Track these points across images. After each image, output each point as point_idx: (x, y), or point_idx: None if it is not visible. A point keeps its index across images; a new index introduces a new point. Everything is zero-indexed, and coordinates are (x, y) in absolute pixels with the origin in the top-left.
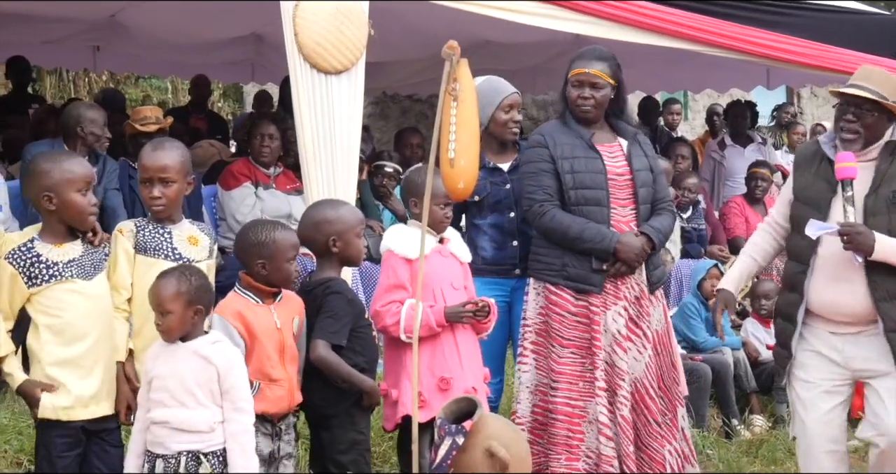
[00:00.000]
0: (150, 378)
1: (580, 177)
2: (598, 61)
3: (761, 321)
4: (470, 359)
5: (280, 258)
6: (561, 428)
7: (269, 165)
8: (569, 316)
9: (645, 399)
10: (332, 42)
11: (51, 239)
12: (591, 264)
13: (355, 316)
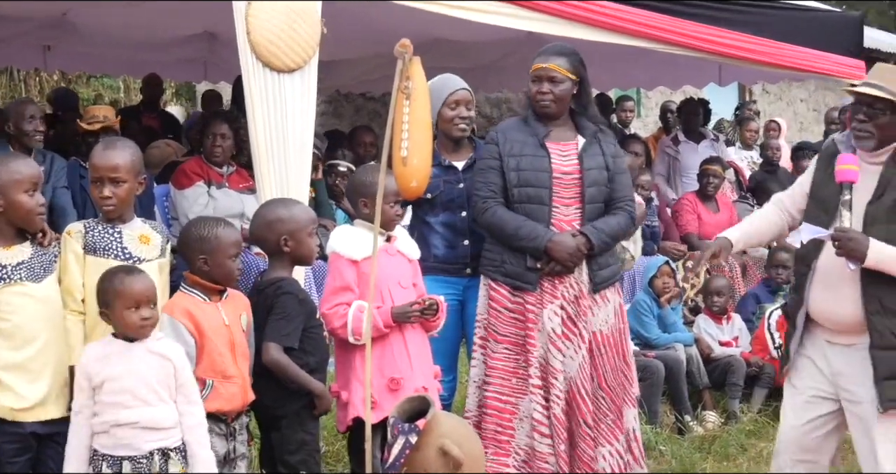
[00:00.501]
0: (101, 381)
1: (524, 174)
2: (558, 56)
3: (713, 317)
4: (419, 359)
5: (221, 254)
6: (490, 423)
7: (221, 164)
8: (505, 312)
9: (577, 399)
10: (284, 40)
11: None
12: (526, 262)
13: (307, 316)
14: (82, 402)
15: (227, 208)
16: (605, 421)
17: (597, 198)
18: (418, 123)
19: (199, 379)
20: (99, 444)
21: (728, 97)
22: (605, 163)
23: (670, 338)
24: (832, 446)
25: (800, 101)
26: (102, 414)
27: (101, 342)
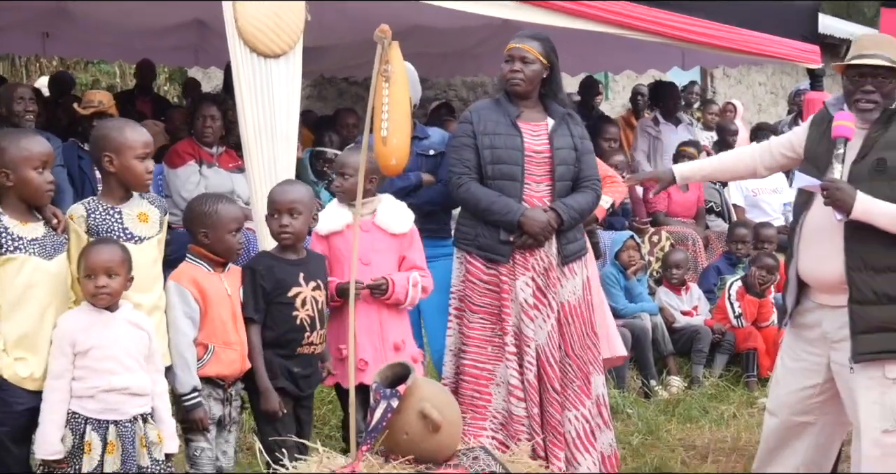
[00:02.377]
0: (87, 348)
1: (498, 152)
2: (532, 40)
3: (672, 289)
4: (367, 332)
5: (221, 229)
6: (468, 389)
7: (211, 145)
8: (480, 283)
9: (545, 365)
10: (270, 27)
11: (14, 215)
12: (499, 235)
13: (270, 290)
14: (64, 367)
15: (217, 186)
16: (572, 386)
17: (566, 176)
18: (397, 105)
19: (201, 344)
20: (81, 408)
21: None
22: (574, 144)
23: (636, 308)
24: (828, 409)
25: (758, 84)
26: (88, 380)
27: (80, 310)
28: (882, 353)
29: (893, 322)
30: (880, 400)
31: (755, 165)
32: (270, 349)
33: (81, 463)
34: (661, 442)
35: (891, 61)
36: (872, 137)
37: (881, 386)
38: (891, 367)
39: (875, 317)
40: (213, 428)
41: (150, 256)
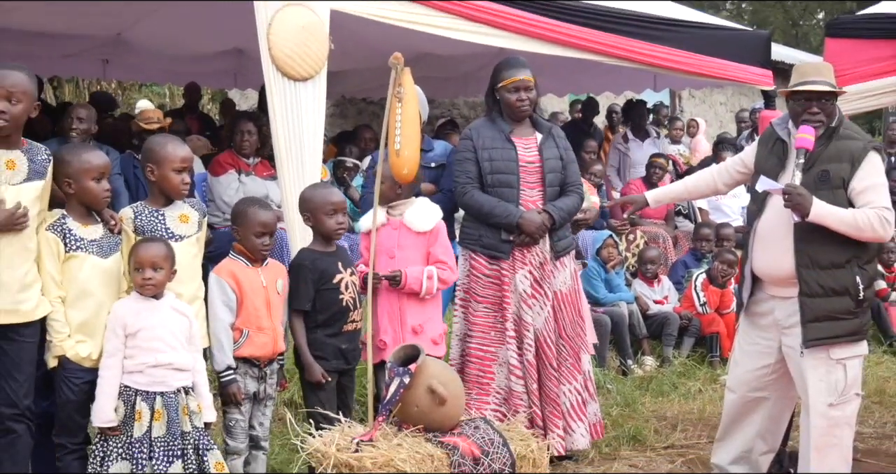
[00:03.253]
0: (136, 330)
1: (496, 164)
2: (526, 69)
3: (646, 281)
4: (389, 317)
5: (248, 230)
6: (474, 369)
7: (249, 156)
8: (483, 277)
9: (543, 346)
10: (299, 54)
11: (77, 218)
12: (500, 235)
13: (316, 279)
14: (116, 346)
15: (253, 191)
16: (566, 364)
17: (554, 182)
18: (408, 122)
19: (237, 329)
20: (132, 381)
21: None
22: (560, 155)
23: (615, 297)
24: (779, 386)
25: (720, 104)
26: (137, 358)
27: (130, 298)
28: (828, 339)
29: (837, 311)
30: (826, 378)
31: (716, 184)
32: (321, 330)
33: (133, 430)
34: (637, 414)
35: (832, 86)
36: (817, 152)
37: (827, 365)
38: (835, 350)
39: (822, 307)
40: (248, 402)
41: (190, 252)
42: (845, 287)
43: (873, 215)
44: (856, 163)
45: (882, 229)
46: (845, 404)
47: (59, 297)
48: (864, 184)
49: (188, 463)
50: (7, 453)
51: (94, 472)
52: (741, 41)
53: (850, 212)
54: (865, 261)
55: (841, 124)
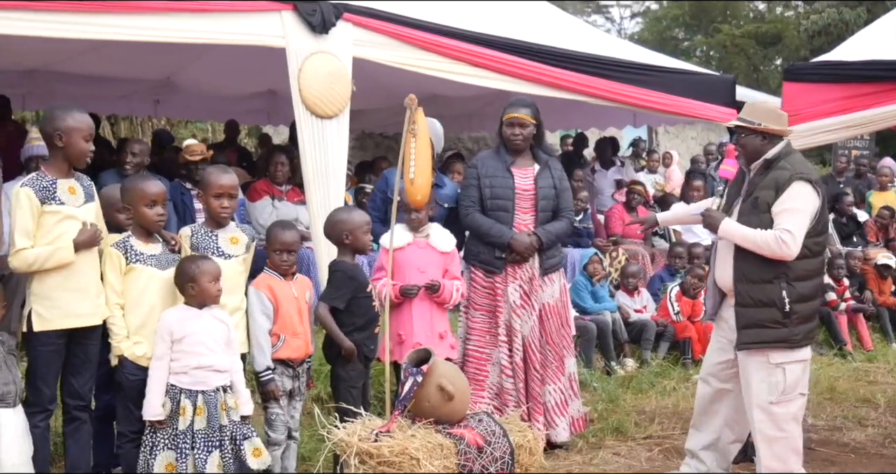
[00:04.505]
0: (182, 336)
1: (495, 190)
2: (524, 107)
3: (628, 293)
4: (421, 323)
5: (271, 248)
6: (471, 368)
7: (281, 184)
8: (481, 288)
9: (529, 351)
10: (325, 95)
11: (139, 237)
12: (495, 253)
13: (355, 288)
14: (164, 350)
15: (285, 215)
16: (551, 366)
17: (546, 208)
18: (421, 154)
19: (274, 335)
20: (178, 381)
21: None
22: (553, 184)
23: (600, 307)
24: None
25: (691, 138)
26: (183, 360)
27: (178, 308)
28: (757, 344)
29: (765, 321)
30: (767, 379)
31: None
32: (357, 333)
33: (178, 423)
34: (620, 409)
35: (744, 121)
36: (754, 181)
37: (767, 369)
38: (773, 355)
39: (752, 316)
40: (285, 398)
41: (237, 270)
42: (772, 299)
43: (771, 235)
44: (780, 191)
45: (778, 248)
46: (788, 402)
47: (118, 304)
48: (780, 208)
49: (225, 452)
50: (73, 438)
51: (143, 459)
52: (710, 84)
53: (754, 231)
54: (794, 278)
55: (780, 158)
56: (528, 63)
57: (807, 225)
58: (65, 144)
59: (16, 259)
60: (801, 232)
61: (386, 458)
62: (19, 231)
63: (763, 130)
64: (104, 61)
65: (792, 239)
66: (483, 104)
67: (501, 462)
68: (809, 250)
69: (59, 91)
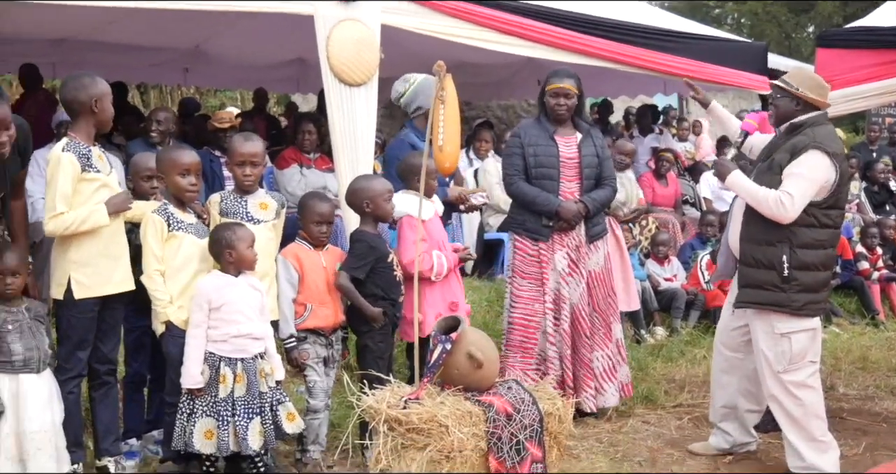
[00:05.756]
0: (220, 305)
1: (539, 159)
2: (569, 78)
3: (658, 261)
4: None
5: (307, 219)
6: (518, 335)
7: (309, 152)
8: (527, 257)
9: (578, 318)
10: (354, 63)
11: (176, 206)
12: (542, 221)
13: (377, 257)
14: (200, 318)
15: (313, 183)
16: (598, 333)
17: (590, 176)
18: (450, 121)
19: (301, 304)
20: (217, 349)
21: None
22: (596, 152)
23: None
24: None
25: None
26: (222, 328)
27: (214, 276)
28: (752, 304)
29: (763, 282)
30: (773, 348)
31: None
32: (383, 302)
33: (218, 391)
34: (649, 377)
35: (784, 82)
36: (776, 143)
37: (773, 338)
38: (777, 324)
39: (752, 276)
40: (321, 365)
41: (266, 235)
42: (772, 262)
43: (773, 195)
44: (794, 156)
45: (775, 208)
46: (797, 370)
47: (158, 271)
48: (789, 172)
49: (265, 418)
50: (103, 403)
51: (181, 426)
52: (741, 51)
53: (758, 187)
54: (798, 244)
55: (806, 126)
56: (557, 30)
57: (810, 193)
58: (99, 110)
59: (52, 223)
60: (803, 198)
61: (415, 425)
62: (59, 195)
63: (798, 95)
64: (133, 30)
65: (791, 202)
66: (512, 72)
67: (530, 429)
68: (817, 220)
69: (89, 60)
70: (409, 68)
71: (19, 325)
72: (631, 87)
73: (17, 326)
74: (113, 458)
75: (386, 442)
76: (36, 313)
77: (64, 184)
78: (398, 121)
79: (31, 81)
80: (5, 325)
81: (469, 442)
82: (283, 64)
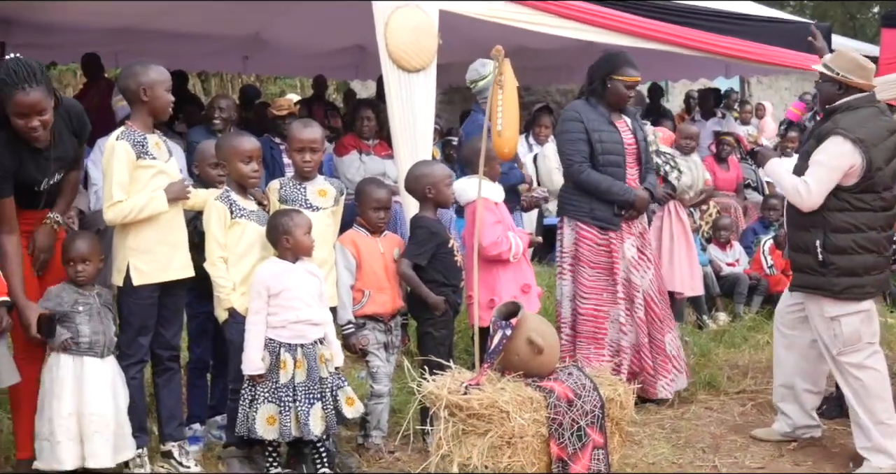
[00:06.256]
0: (279, 291)
1: (605, 145)
2: (636, 69)
3: (719, 246)
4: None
5: (366, 205)
6: (589, 326)
7: (368, 138)
8: (595, 246)
9: (650, 304)
10: (412, 49)
11: (238, 193)
12: (613, 210)
13: (438, 243)
14: (260, 305)
15: (372, 170)
16: (666, 317)
17: (646, 161)
18: (509, 106)
19: (359, 290)
20: (277, 335)
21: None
22: (644, 137)
23: None
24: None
25: (784, 89)
26: (281, 315)
27: (272, 262)
28: (798, 287)
29: (803, 266)
30: (826, 332)
31: None
32: (444, 288)
33: (279, 377)
34: (712, 363)
35: (825, 67)
36: (813, 129)
37: (825, 322)
38: (826, 307)
39: (796, 260)
40: (382, 350)
41: (324, 222)
42: (808, 246)
43: (794, 183)
44: (819, 142)
45: (795, 196)
46: (855, 352)
47: (222, 257)
48: (812, 159)
49: (326, 403)
50: (167, 389)
51: (243, 413)
52: (804, 32)
53: (788, 175)
54: (831, 229)
55: (838, 111)
56: (617, 14)
57: (831, 180)
58: (150, 98)
59: (111, 211)
60: (821, 185)
61: (475, 411)
62: (116, 184)
63: (839, 79)
64: (193, 18)
65: (807, 191)
66: (570, 56)
67: (591, 415)
68: (850, 204)
69: (150, 49)
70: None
71: (89, 309)
72: (692, 70)
73: (87, 309)
74: (177, 443)
75: (447, 428)
76: (105, 300)
77: (120, 172)
78: (457, 107)
79: (93, 71)
80: (76, 306)
81: (530, 428)
82: (342, 51)
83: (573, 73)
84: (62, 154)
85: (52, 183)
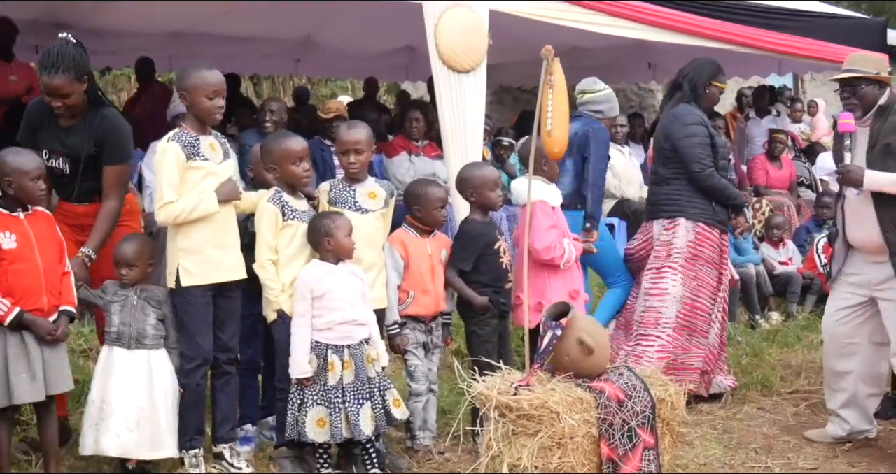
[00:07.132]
0: (322, 293)
1: (721, 150)
2: None
3: (773, 244)
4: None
5: (429, 206)
6: (700, 322)
7: (418, 139)
8: (715, 246)
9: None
10: (462, 49)
11: (289, 193)
12: (728, 212)
13: (484, 245)
14: (305, 308)
15: (422, 171)
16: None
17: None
18: (558, 106)
19: (405, 291)
20: (322, 337)
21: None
22: None
23: (744, 259)
24: (867, 331)
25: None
26: (326, 316)
27: (314, 265)
28: None
29: None
30: None
31: None
32: (488, 289)
33: (327, 378)
34: (764, 363)
35: (857, 71)
36: (875, 129)
37: None
38: None
39: None
40: (420, 350)
41: (374, 225)
42: None
43: None
44: None
45: None
46: None
47: (271, 260)
48: None
49: (375, 403)
50: (224, 392)
51: (293, 416)
52: (859, 28)
53: None
54: None
55: (893, 104)
56: (667, 11)
57: None
58: (189, 103)
59: (162, 212)
60: None
61: (525, 412)
62: (166, 185)
63: (878, 78)
64: (246, 21)
65: None
66: (620, 55)
67: (642, 416)
68: None
69: (203, 52)
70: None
71: (125, 300)
72: (744, 67)
73: (121, 300)
74: (228, 445)
75: (497, 429)
76: (149, 295)
77: (170, 173)
78: (507, 108)
79: (146, 75)
80: (113, 297)
81: (580, 428)
82: (393, 52)
83: (623, 71)
84: (77, 142)
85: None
